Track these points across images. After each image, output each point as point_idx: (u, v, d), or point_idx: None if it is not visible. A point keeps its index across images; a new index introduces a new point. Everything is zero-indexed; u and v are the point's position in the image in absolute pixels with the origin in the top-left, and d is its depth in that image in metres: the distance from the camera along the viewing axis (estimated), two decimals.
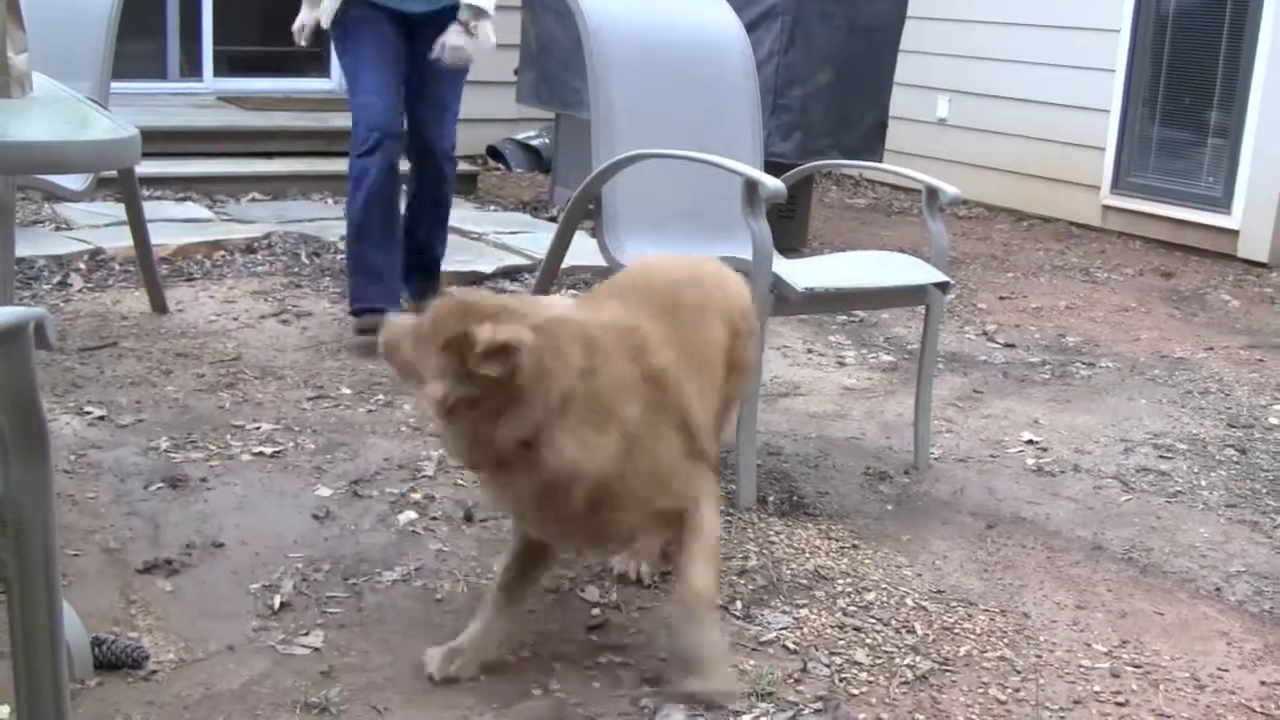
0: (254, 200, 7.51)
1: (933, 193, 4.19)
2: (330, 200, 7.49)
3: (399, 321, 2.74)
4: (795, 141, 6.81)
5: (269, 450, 3.95)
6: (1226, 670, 3.13)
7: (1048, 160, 9.28)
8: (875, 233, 8.29)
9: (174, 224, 6.58)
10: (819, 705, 2.79)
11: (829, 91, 6.94)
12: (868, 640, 3.09)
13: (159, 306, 5.25)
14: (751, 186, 3.72)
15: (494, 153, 9.53)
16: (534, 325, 2.52)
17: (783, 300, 3.73)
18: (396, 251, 5.13)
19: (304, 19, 5.15)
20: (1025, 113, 9.46)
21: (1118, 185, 9.06)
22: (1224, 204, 8.53)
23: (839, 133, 7.01)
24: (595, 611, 3.14)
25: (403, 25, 4.97)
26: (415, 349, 2.61)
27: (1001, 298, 6.79)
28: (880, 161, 7.12)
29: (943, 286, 4.08)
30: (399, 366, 2.72)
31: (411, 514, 3.59)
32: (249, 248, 6.33)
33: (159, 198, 7.10)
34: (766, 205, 3.72)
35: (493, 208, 7.92)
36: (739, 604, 3.21)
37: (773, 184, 3.71)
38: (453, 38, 4.93)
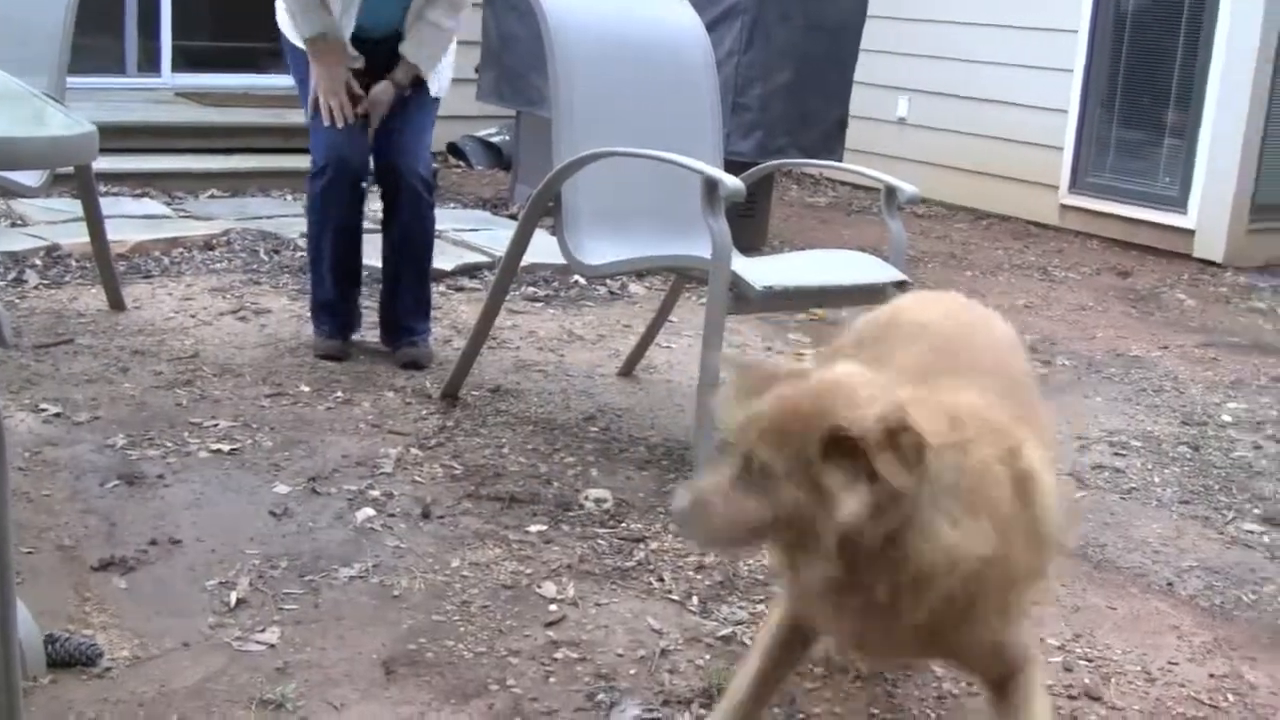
0: (213, 197, 7.48)
1: (891, 191, 4.21)
2: (289, 197, 7.47)
3: (705, 483, 2.14)
4: (755, 140, 6.83)
5: (226, 447, 3.95)
6: (1177, 663, 3.17)
7: (1006, 159, 9.35)
8: (835, 231, 8.33)
9: (132, 220, 6.54)
10: (775, 701, 2.80)
11: (789, 91, 6.97)
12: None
13: (116, 303, 5.22)
14: (711, 185, 3.73)
15: (455, 150, 9.53)
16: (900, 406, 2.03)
17: (742, 299, 3.74)
18: (355, 285, 4.99)
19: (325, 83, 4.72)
20: (984, 112, 9.52)
21: (1076, 185, 9.13)
22: (1180, 204, 8.61)
23: (799, 132, 7.04)
24: (552, 608, 3.15)
25: (359, 48, 4.75)
26: (757, 483, 2.07)
27: None
28: (840, 160, 7.15)
29: (901, 285, 4.10)
30: (718, 528, 2.14)
31: (369, 510, 3.59)
32: (207, 244, 6.30)
33: (116, 194, 7.06)
34: (726, 204, 3.73)
35: (453, 205, 7.91)
36: (695, 599, 3.23)
37: (732, 183, 3.73)
38: (382, 94, 4.75)
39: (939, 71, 9.79)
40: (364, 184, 4.84)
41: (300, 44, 4.72)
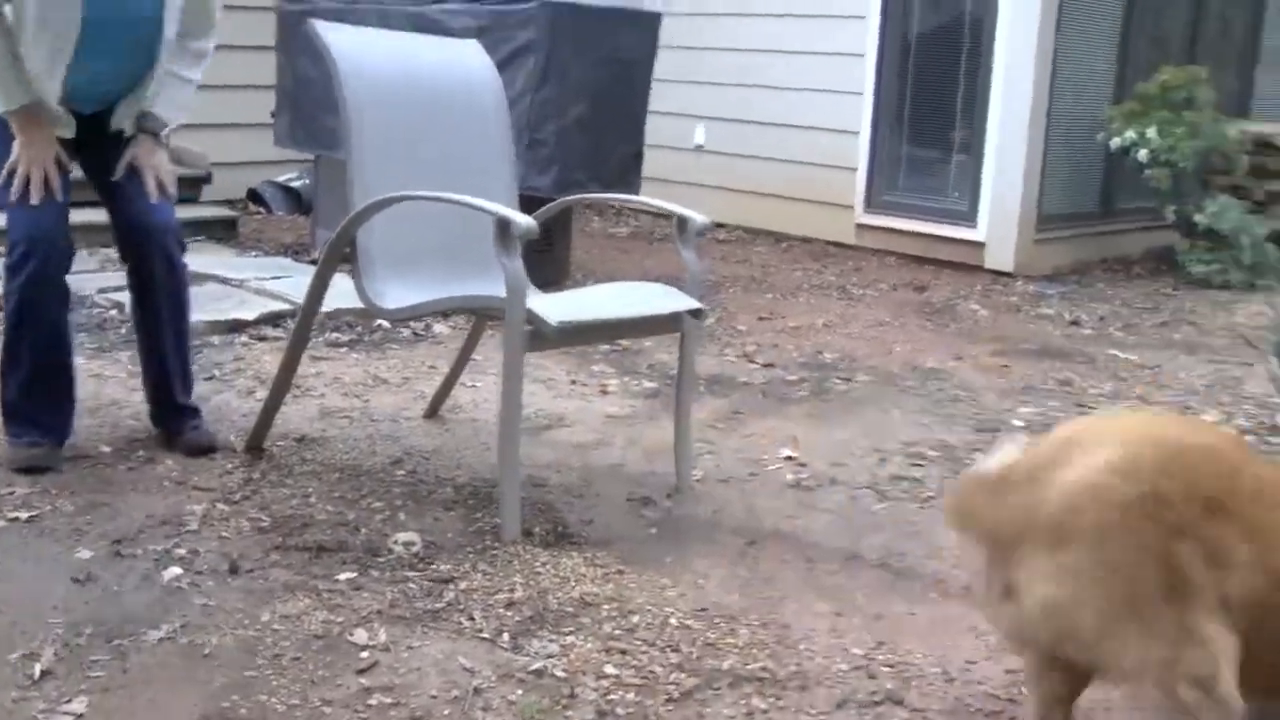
0: None
1: (683, 222, 4.30)
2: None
3: None
4: (552, 176, 6.90)
5: (25, 515, 3.87)
6: (975, 662, 3.29)
7: (803, 182, 9.57)
8: (637, 261, 8.44)
9: None
10: None
11: (584, 125, 7.05)
12: (634, 662, 3.16)
13: None
14: (504, 225, 3.77)
15: (255, 196, 9.44)
16: None
17: (539, 336, 3.79)
18: (70, 384, 4.38)
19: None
20: (779, 136, 9.73)
21: (870, 204, 9.39)
22: (970, 218, 8.91)
23: (595, 165, 7.12)
24: (364, 655, 3.15)
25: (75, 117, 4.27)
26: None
27: (761, 318, 6.98)
28: (637, 190, 7.26)
29: (696, 313, 4.20)
30: None
31: (176, 569, 3.55)
32: None
33: None
34: (520, 242, 3.78)
35: (254, 253, 7.84)
36: (506, 636, 3.26)
37: (524, 222, 3.78)
38: (145, 153, 4.31)
39: (734, 98, 10.00)
40: (64, 271, 4.19)
41: None
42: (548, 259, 7.00)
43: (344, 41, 4.44)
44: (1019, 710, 3.07)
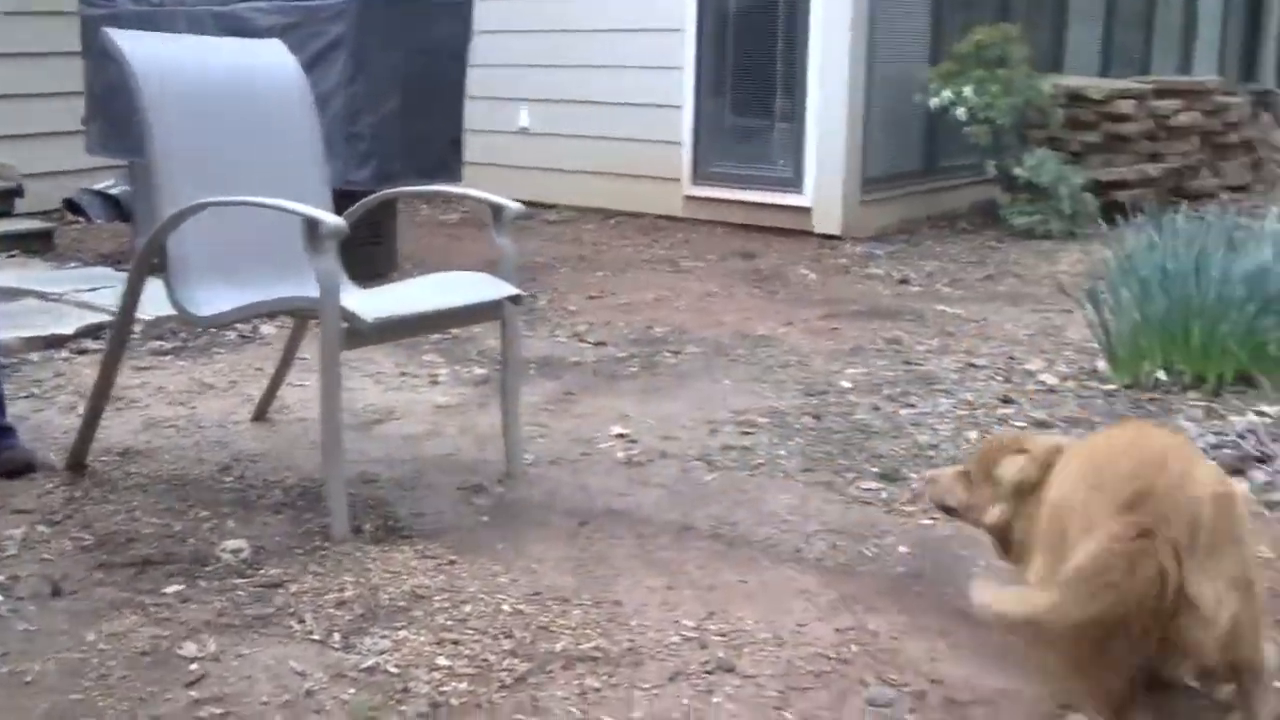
0: None
1: (498, 209, 4.31)
2: None
3: (943, 474, 3.43)
4: (371, 169, 6.84)
5: None
6: (805, 624, 3.34)
7: (629, 158, 9.60)
8: (467, 248, 8.40)
9: None
10: None
11: (399, 116, 7.00)
12: (466, 651, 3.16)
13: None
14: (312, 225, 3.74)
15: (72, 205, 9.22)
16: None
17: (355, 333, 3.76)
18: None
19: None
20: (603, 114, 9.76)
21: (697, 176, 9.46)
22: (796, 184, 9.03)
23: (414, 155, 7.07)
24: (194, 667, 3.11)
25: None
26: (966, 494, 3.28)
27: (591, 297, 7.00)
28: (459, 177, 7.23)
29: (516, 299, 4.20)
30: (951, 510, 3.38)
31: None
32: None
33: None
34: (332, 241, 3.74)
35: (73, 264, 7.67)
36: (337, 636, 3.23)
37: (332, 221, 3.75)
38: None
39: (556, 79, 10.00)
40: None
41: None
42: (376, 251, 6.95)
43: (140, 48, 4.36)
44: (849, 669, 3.13)
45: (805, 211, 8.96)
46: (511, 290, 4.17)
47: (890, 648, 3.24)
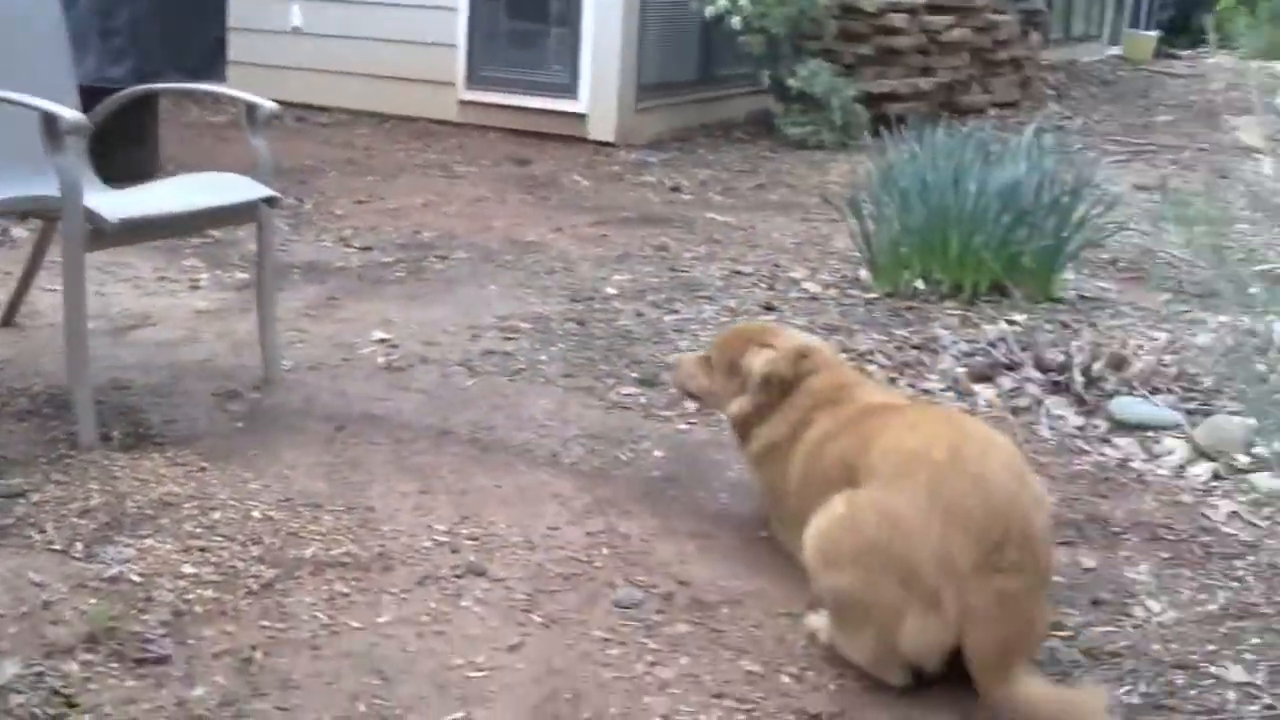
0: None
1: (251, 109, 4.19)
2: None
3: (685, 358, 3.56)
4: (128, 66, 6.63)
5: None
6: (557, 528, 3.38)
7: (403, 61, 9.45)
8: (235, 150, 8.13)
9: None
10: (164, 630, 2.81)
11: (160, 12, 6.79)
12: (213, 559, 3.12)
13: None
14: (50, 120, 3.59)
15: None
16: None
17: (99, 234, 3.64)
18: None
19: None
20: (377, 15, 9.57)
21: (472, 80, 9.36)
22: (571, 90, 8.99)
23: (176, 53, 6.88)
24: None
25: None
26: (708, 380, 3.41)
27: (360, 201, 6.90)
28: (223, 77, 7.06)
29: (271, 201, 4.11)
30: (693, 395, 3.55)
31: None
32: None
33: None
34: (75, 138, 3.61)
35: None
36: (80, 545, 3.15)
37: (71, 116, 3.60)
38: None
39: None
40: None
41: None
42: (137, 153, 6.73)
43: None
44: (599, 572, 3.17)
45: (580, 118, 8.95)
46: (266, 192, 4.08)
47: (641, 550, 3.30)
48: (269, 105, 4.20)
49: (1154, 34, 20.86)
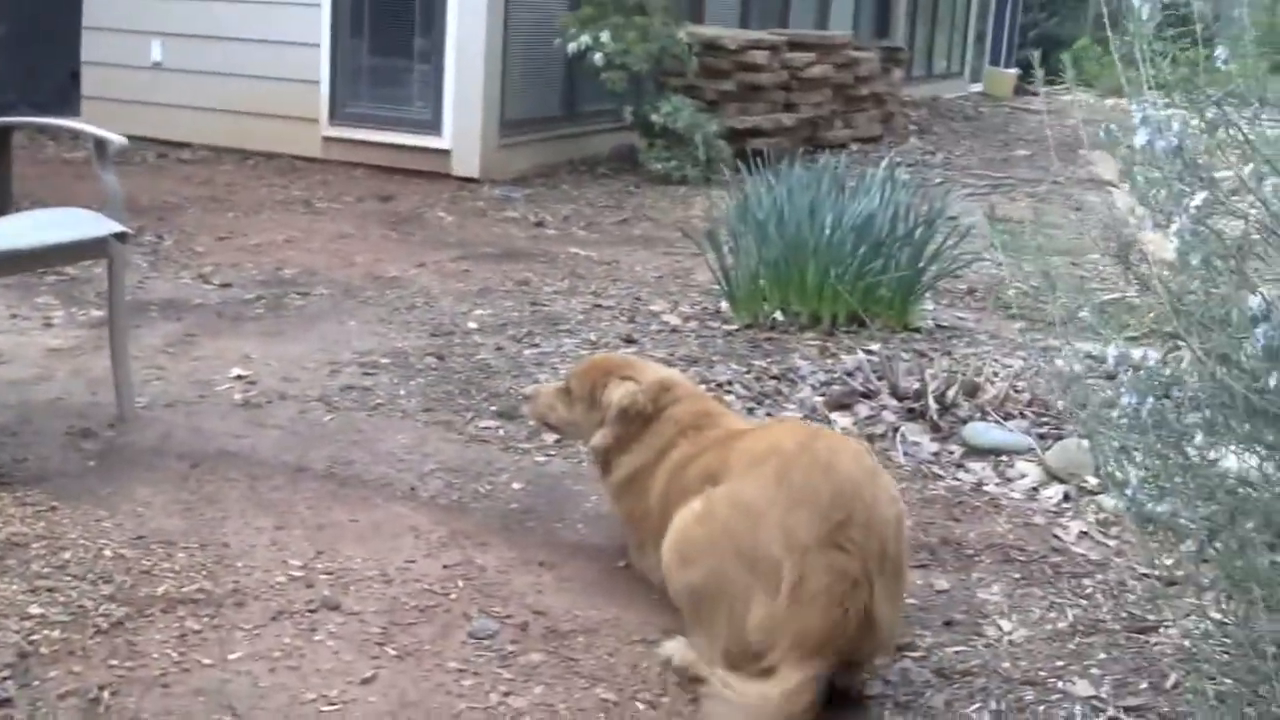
0: None
1: (101, 144, 4.16)
2: None
3: (543, 390, 3.57)
4: None
5: None
6: (413, 561, 3.38)
7: (267, 97, 9.38)
8: (91, 187, 8.02)
9: None
10: (6, 673, 2.77)
11: (11, 44, 6.67)
12: (61, 598, 3.07)
13: None
14: None
15: None
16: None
17: None
18: None
19: None
20: (240, 52, 9.49)
21: (335, 117, 9.32)
22: (435, 127, 9.00)
23: (27, 87, 6.76)
24: None
25: None
26: (566, 411, 3.45)
27: (220, 238, 6.84)
28: (78, 111, 6.96)
29: (121, 236, 4.07)
30: (552, 426, 3.63)
31: None
32: None
33: None
34: None
35: None
36: None
37: None
38: None
39: (191, 13, 9.65)
40: None
41: None
42: None
43: None
44: (454, 604, 3.18)
45: (444, 154, 8.95)
46: (117, 227, 4.05)
47: (497, 582, 3.31)
48: (117, 139, 4.17)
49: (1014, 71, 21.33)
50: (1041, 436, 4.47)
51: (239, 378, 4.68)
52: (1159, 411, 2.23)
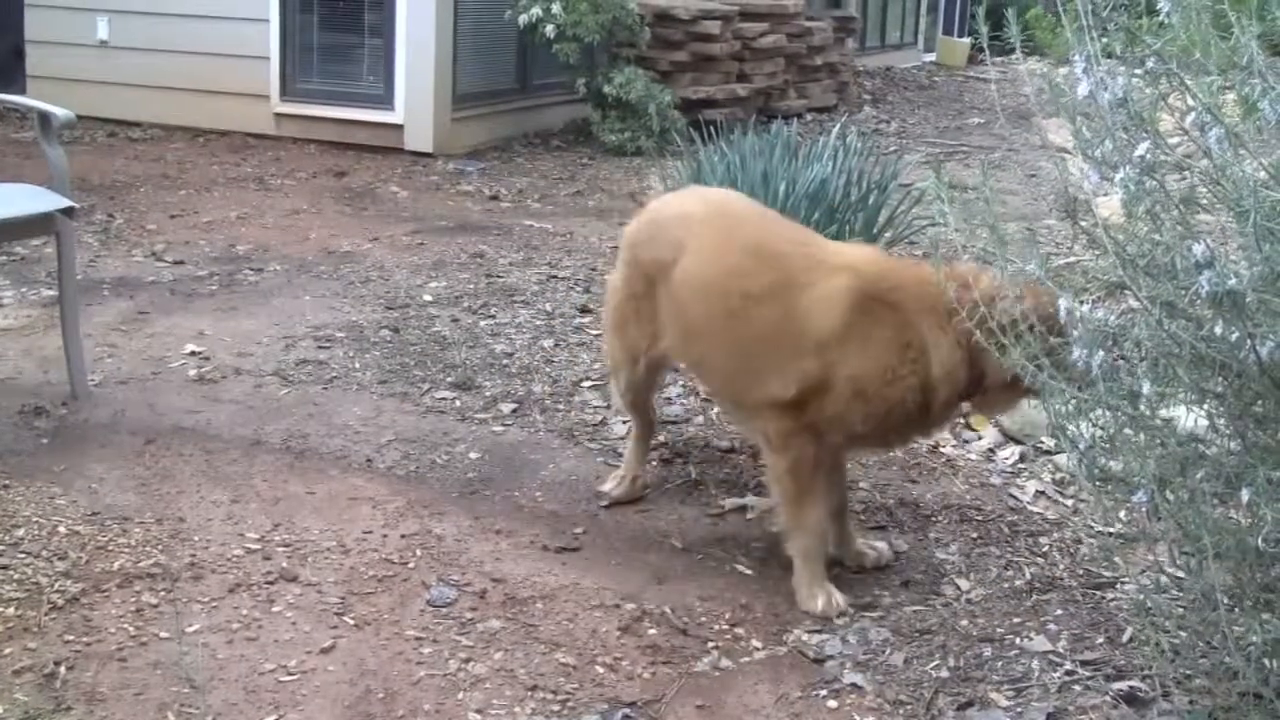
0: None
1: (45, 118, 4.13)
2: None
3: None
4: None
5: None
6: (370, 532, 3.38)
7: (217, 74, 9.29)
8: (40, 166, 7.98)
9: None
10: None
11: None
12: (16, 576, 3.05)
13: None
14: None
15: None
16: None
17: None
18: None
19: None
20: (188, 28, 9.40)
21: (286, 93, 9.25)
22: (387, 101, 8.94)
23: None
24: None
25: None
26: None
27: (173, 216, 6.79)
28: (23, 89, 6.89)
29: (68, 212, 4.04)
30: None
31: None
32: None
33: None
34: None
35: None
36: None
37: None
38: None
39: None
40: None
41: None
42: None
43: None
44: (412, 573, 3.18)
45: (397, 129, 8.90)
46: (64, 202, 4.02)
47: (455, 550, 3.31)
48: (62, 113, 4.13)
49: (967, 40, 21.36)
50: None
51: (193, 354, 4.65)
52: (1108, 364, 2.24)
